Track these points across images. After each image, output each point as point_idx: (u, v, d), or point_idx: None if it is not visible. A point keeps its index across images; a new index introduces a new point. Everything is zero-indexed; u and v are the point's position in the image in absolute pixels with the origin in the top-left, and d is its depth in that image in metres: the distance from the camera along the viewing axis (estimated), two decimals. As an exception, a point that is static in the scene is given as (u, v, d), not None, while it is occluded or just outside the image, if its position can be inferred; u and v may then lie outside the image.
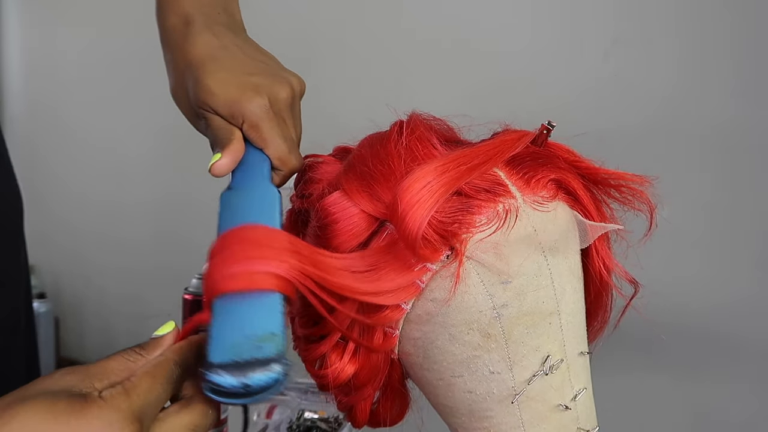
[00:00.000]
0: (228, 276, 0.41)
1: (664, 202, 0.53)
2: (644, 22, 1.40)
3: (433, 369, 0.50)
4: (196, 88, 0.57)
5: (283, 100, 0.58)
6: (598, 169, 0.52)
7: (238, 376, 0.38)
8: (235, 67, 0.58)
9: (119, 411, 0.37)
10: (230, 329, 0.41)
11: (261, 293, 0.41)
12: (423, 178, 0.45)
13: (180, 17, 0.62)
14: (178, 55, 0.61)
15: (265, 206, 0.51)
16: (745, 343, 1.34)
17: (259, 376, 0.38)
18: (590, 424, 0.51)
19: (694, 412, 1.40)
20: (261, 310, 0.41)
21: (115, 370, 0.40)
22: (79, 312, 2.19)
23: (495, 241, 0.47)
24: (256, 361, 0.38)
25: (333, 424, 1.04)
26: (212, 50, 0.59)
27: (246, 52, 0.61)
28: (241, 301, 0.41)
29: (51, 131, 2.23)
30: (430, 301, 0.48)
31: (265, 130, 0.56)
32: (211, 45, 0.60)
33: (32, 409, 0.36)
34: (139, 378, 0.39)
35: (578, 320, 0.51)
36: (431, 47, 1.56)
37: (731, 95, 1.34)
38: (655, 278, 0.58)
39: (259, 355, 0.39)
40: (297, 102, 0.61)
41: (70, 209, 2.16)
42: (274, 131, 0.57)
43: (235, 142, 0.56)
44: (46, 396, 0.37)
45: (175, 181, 1.89)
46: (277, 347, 0.39)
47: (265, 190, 0.53)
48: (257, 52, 0.63)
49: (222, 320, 0.41)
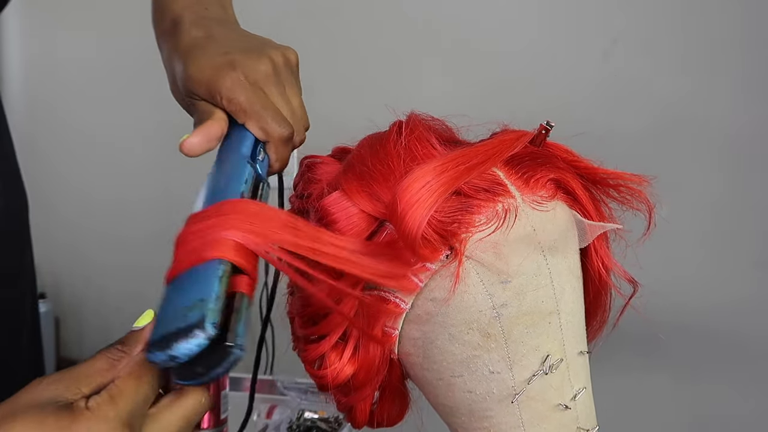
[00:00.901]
0: (175, 259, 0.41)
1: (663, 201, 0.53)
2: (644, 22, 1.40)
3: (432, 369, 0.50)
4: (183, 78, 0.57)
5: (262, 71, 0.56)
6: (597, 169, 0.52)
7: (164, 349, 0.37)
8: (215, 51, 0.57)
9: (107, 420, 0.37)
10: (167, 306, 0.40)
11: (202, 265, 0.40)
12: (422, 177, 0.45)
13: (170, 20, 0.63)
14: (170, 54, 0.61)
15: (230, 182, 0.49)
16: (745, 343, 1.34)
17: (181, 345, 0.37)
18: (590, 423, 0.51)
19: (693, 411, 1.40)
20: (197, 281, 0.39)
21: (100, 371, 0.40)
22: (79, 312, 2.19)
23: (494, 241, 0.47)
24: (179, 331, 0.37)
25: (333, 424, 1.04)
26: (197, 41, 0.59)
27: (230, 37, 0.60)
28: (183, 277, 0.40)
29: (50, 131, 2.23)
30: (430, 301, 0.48)
31: (241, 101, 0.55)
32: (196, 37, 0.59)
33: (22, 425, 0.36)
34: (124, 381, 0.39)
35: (577, 320, 0.51)
36: (430, 47, 1.56)
37: (730, 95, 1.34)
38: (654, 278, 0.58)
39: (182, 324, 0.37)
40: (284, 72, 0.59)
41: (70, 209, 2.16)
42: (250, 102, 0.55)
43: (210, 122, 0.54)
44: (35, 410, 0.37)
45: (175, 180, 1.89)
46: (201, 312, 0.37)
47: (234, 165, 0.51)
48: (243, 36, 0.61)
49: (165, 299, 0.40)
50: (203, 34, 0.60)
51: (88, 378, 0.39)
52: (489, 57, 1.52)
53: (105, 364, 0.40)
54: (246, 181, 0.50)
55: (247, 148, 0.54)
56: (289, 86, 0.59)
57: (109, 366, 0.40)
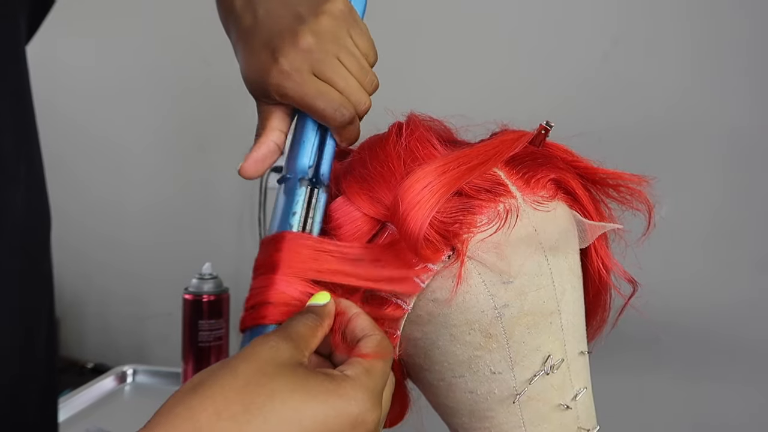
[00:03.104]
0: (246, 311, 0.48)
1: (663, 201, 0.53)
2: (644, 22, 1.40)
3: (434, 369, 0.50)
4: (243, 79, 0.55)
5: (304, 50, 0.51)
6: (597, 169, 0.53)
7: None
8: (259, 43, 0.53)
9: (366, 390, 0.39)
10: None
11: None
12: (424, 178, 0.45)
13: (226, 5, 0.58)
14: (233, 47, 0.57)
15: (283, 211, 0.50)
16: (744, 344, 1.34)
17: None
18: (590, 423, 0.51)
19: (693, 411, 1.40)
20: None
21: (307, 337, 0.41)
22: (79, 312, 2.19)
23: (496, 241, 0.47)
24: None
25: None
26: (246, 32, 0.54)
27: (274, 15, 0.54)
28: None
29: (50, 130, 2.23)
30: (432, 302, 0.48)
31: (291, 96, 0.51)
32: (246, 27, 0.54)
33: (283, 384, 0.37)
34: (374, 360, 0.41)
35: (578, 319, 0.51)
36: (429, 47, 1.56)
37: (730, 95, 1.34)
38: (654, 278, 0.58)
39: None
40: (331, 33, 0.52)
41: (70, 209, 2.16)
42: (300, 94, 0.51)
43: (258, 144, 0.53)
44: (287, 369, 0.38)
45: (177, 182, 1.89)
46: None
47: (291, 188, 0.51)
48: (286, 4, 0.54)
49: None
50: (250, 22, 0.54)
51: (306, 342, 0.41)
52: (489, 57, 1.52)
53: (309, 331, 0.42)
54: (295, 209, 0.50)
55: (314, 144, 0.53)
56: (341, 45, 0.52)
57: (312, 334, 0.42)
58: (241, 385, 0.36)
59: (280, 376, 0.37)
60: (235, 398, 0.36)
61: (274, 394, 0.36)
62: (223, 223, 1.75)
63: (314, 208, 0.50)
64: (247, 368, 0.37)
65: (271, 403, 0.36)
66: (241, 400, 0.36)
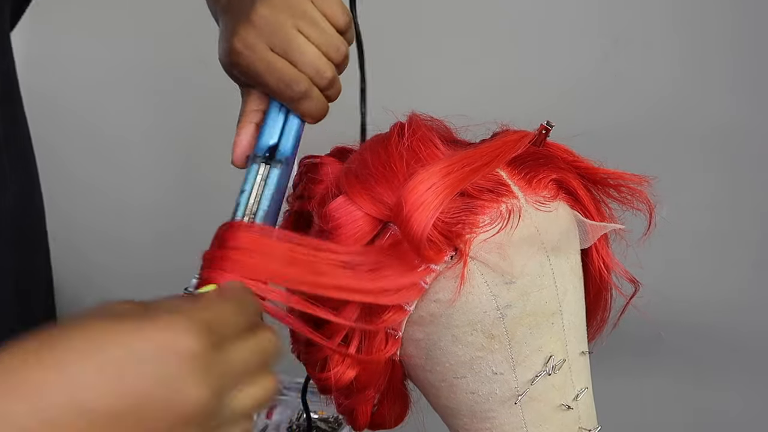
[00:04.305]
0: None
1: (664, 201, 0.53)
2: (644, 22, 1.40)
3: (435, 370, 0.50)
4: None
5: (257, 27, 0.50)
6: (597, 169, 0.53)
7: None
8: (230, 30, 0.52)
9: (185, 316, 0.34)
10: None
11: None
12: (428, 179, 0.45)
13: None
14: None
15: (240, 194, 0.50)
16: (746, 343, 1.34)
17: None
18: (591, 423, 0.51)
19: (694, 410, 1.40)
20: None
21: (161, 302, 0.37)
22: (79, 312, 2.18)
23: (499, 242, 0.47)
24: None
25: (333, 424, 1.04)
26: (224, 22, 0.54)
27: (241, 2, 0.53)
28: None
29: (51, 130, 2.23)
30: (434, 302, 0.48)
31: (247, 75, 0.50)
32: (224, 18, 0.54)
33: (93, 320, 0.33)
34: (207, 291, 0.40)
35: (579, 320, 0.51)
36: (429, 47, 1.56)
37: (731, 95, 1.34)
38: (655, 277, 0.58)
39: None
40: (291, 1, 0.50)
41: (71, 209, 2.16)
42: (253, 71, 0.50)
43: (241, 122, 0.53)
44: (108, 309, 0.35)
45: (178, 181, 1.89)
46: None
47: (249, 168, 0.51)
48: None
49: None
50: (224, 4, 0.54)
51: (158, 304, 0.37)
52: (489, 57, 1.52)
53: (168, 300, 0.38)
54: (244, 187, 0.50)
55: (269, 129, 0.52)
56: (298, 12, 0.50)
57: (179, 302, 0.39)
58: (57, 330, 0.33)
59: (95, 316, 0.34)
60: (40, 337, 0.32)
61: (76, 328, 0.33)
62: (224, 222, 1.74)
63: (264, 185, 0.50)
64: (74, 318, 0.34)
65: (69, 337, 0.32)
66: (41, 337, 0.32)
